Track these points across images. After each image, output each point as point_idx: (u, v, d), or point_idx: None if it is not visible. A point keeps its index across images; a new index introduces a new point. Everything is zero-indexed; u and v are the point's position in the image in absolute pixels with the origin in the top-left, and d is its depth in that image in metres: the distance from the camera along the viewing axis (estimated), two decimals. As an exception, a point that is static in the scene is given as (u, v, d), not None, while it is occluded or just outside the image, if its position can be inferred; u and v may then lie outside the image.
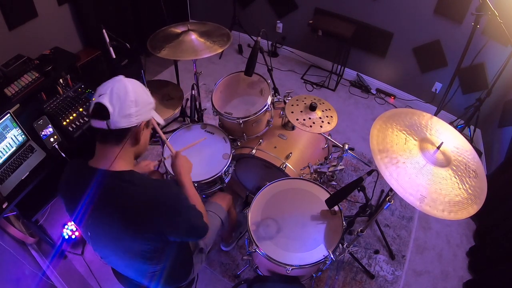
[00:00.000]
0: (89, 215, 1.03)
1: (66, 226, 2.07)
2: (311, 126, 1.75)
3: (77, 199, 1.00)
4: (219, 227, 1.65)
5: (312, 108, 1.80)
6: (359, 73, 3.48)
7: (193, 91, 2.18)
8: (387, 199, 1.37)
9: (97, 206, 1.00)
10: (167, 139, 1.94)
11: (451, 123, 2.59)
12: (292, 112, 1.82)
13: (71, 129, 1.96)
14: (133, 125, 1.00)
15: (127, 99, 0.96)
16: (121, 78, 1.01)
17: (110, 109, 0.94)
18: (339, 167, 1.84)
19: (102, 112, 0.95)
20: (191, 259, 1.42)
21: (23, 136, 1.88)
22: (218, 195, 1.79)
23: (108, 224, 1.02)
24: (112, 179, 1.00)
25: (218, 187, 1.86)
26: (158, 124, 1.20)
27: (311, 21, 3.10)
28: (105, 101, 0.94)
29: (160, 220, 1.00)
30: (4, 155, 1.78)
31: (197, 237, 1.16)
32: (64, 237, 2.05)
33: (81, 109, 2.05)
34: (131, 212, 0.98)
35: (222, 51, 2.08)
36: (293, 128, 2.10)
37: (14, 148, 1.84)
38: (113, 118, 0.95)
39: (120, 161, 1.02)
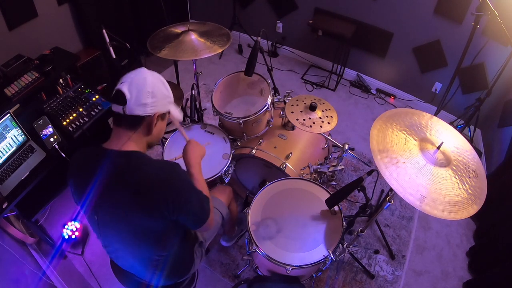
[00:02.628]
0: (100, 195, 1.05)
1: (66, 226, 2.07)
2: (311, 126, 1.75)
3: (88, 180, 1.03)
4: (220, 222, 1.65)
5: (312, 108, 1.80)
6: (359, 73, 3.48)
7: (193, 91, 2.18)
8: (387, 199, 1.37)
9: (107, 185, 1.03)
10: (168, 139, 1.95)
11: (451, 123, 2.60)
12: (292, 112, 1.82)
13: (71, 129, 1.96)
14: (147, 114, 1.05)
15: (145, 89, 1.03)
16: (143, 69, 1.08)
17: (128, 95, 1.01)
18: (339, 167, 1.84)
19: (120, 97, 1.02)
20: (192, 253, 1.42)
21: (23, 136, 1.88)
22: (218, 188, 1.78)
23: (118, 202, 1.04)
24: (123, 158, 1.04)
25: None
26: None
27: (311, 21, 3.10)
28: (124, 88, 1.02)
29: (169, 199, 1.02)
30: (4, 155, 1.78)
31: (200, 222, 1.16)
32: (64, 237, 2.05)
33: (81, 109, 2.05)
34: (142, 189, 1.01)
35: (222, 51, 2.08)
36: (293, 128, 2.10)
37: (14, 148, 1.84)
38: (129, 105, 1.02)
39: (132, 143, 1.07)
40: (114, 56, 1.99)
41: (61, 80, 2.13)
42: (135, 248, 1.16)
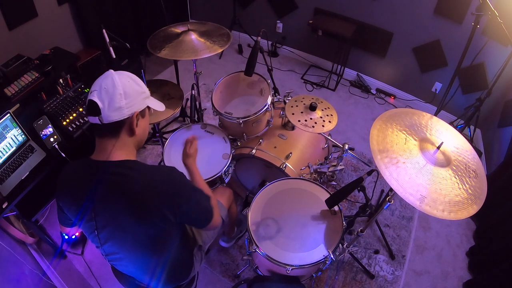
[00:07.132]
0: (97, 209, 1.04)
1: (66, 226, 2.07)
2: (313, 127, 1.76)
3: (82, 195, 1.02)
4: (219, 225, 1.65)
5: (312, 108, 1.80)
6: (359, 73, 3.48)
7: (193, 91, 2.17)
8: (387, 199, 1.37)
9: (102, 197, 1.01)
10: (168, 139, 1.95)
11: (451, 123, 2.60)
12: (293, 114, 1.82)
13: (71, 129, 1.96)
14: (126, 117, 1.02)
15: (116, 92, 0.99)
16: (109, 73, 1.03)
17: (100, 104, 0.97)
18: (339, 167, 1.84)
19: (93, 108, 0.98)
20: (191, 257, 1.42)
21: (23, 136, 1.88)
22: (218, 190, 1.78)
23: (115, 212, 1.02)
24: (115, 168, 1.02)
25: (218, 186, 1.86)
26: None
27: (311, 21, 3.10)
28: (95, 98, 0.98)
29: (166, 205, 1.01)
30: (4, 155, 1.78)
31: (203, 221, 1.18)
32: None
33: (81, 109, 2.05)
34: (138, 197, 1.00)
35: (222, 51, 2.08)
36: (293, 128, 2.10)
37: (14, 148, 1.84)
38: (104, 113, 0.98)
39: (120, 151, 1.04)
40: (114, 56, 1.99)
41: (61, 80, 2.13)
42: (138, 256, 1.16)
